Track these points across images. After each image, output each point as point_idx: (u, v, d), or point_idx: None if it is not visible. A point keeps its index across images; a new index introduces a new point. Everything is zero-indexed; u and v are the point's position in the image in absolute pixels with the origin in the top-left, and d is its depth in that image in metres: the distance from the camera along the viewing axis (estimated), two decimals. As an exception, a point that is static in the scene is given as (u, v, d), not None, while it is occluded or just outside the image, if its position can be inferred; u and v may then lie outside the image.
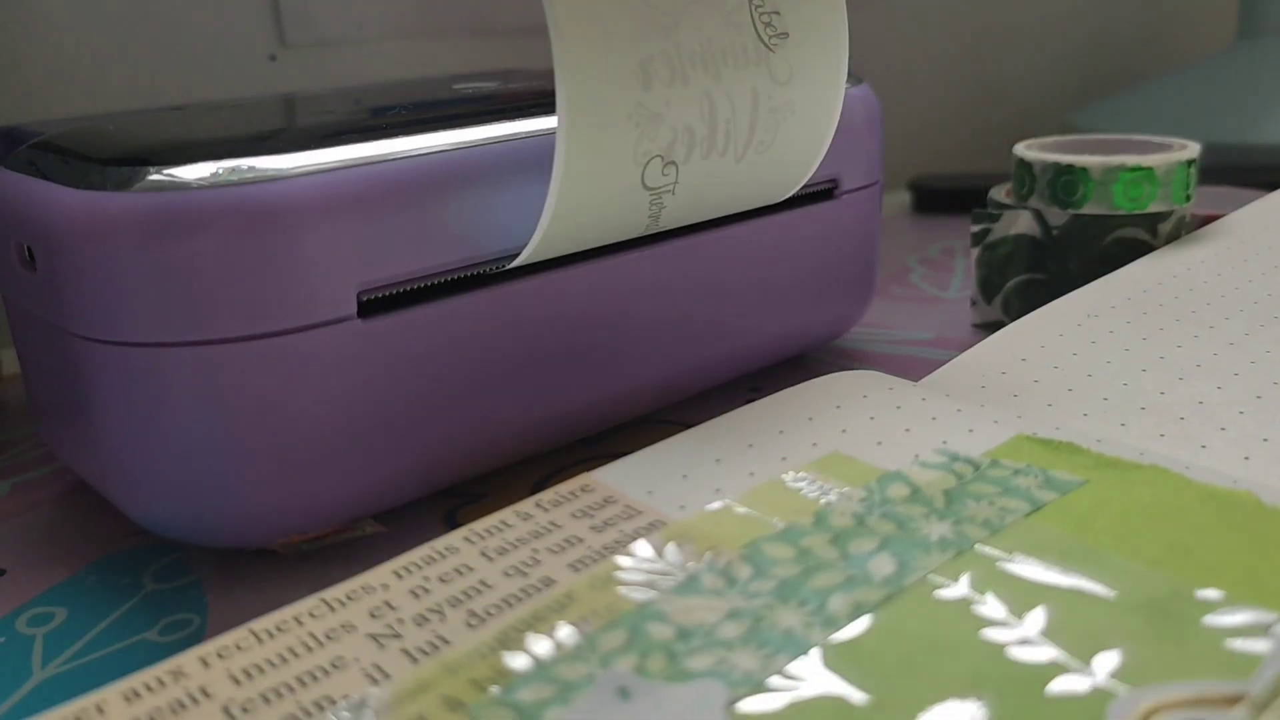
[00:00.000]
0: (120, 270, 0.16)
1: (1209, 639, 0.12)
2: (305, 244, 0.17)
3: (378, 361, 0.18)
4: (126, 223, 0.16)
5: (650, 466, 0.17)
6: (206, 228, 0.16)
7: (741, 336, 0.24)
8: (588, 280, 0.20)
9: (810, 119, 0.21)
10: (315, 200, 0.17)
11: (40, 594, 0.18)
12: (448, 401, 0.19)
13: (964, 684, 0.12)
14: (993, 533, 0.14)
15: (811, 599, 0.13)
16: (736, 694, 0.12)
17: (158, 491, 0.18)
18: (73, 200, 0.17)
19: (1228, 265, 0.26)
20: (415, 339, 0.18)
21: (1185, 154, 0.27)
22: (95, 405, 0.18)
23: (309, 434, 0.17)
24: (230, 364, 0.17)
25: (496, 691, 0.12)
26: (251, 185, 0.16)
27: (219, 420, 0.17)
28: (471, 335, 0.19)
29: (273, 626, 0.13)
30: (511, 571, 0.14)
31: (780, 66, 0.20)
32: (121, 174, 0.16)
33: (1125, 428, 0.18)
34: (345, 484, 0.18)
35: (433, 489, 0.20)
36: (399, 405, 0.18)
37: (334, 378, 0.17)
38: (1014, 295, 0.28)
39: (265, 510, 0.18)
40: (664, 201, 0.19)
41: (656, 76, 0.17)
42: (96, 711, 0.12)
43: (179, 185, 0.16)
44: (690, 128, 0.18)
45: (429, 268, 0.18)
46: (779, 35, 0.19)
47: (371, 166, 0.17)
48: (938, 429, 0.17)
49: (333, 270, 0.17)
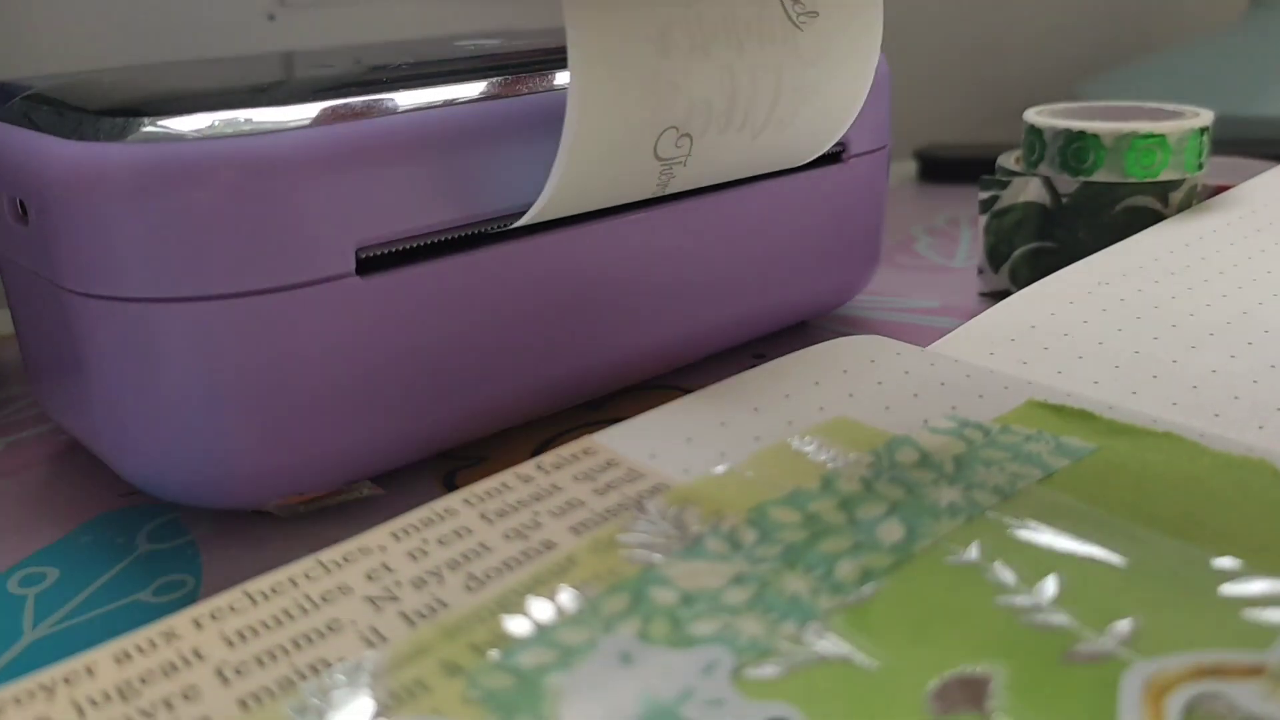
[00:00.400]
0: (113, 223, 0.16)
1: (1226, 608, 0.12)
2: (303, 199, 0.16)
3: (376, 320, 0.17)
4: (120, 174, 0.16)
5: (654, 430, 0.16)
6: (202, 180, 0.16)
7: (745, 301, 0.23)
8: (589, 241, 0.20)
9: (834, 100, 0.20)
10: (314, 154, 0.16)
11: (32, 554, 0.18)
12: (446, 362, 0.19)
13: (974, 651, 0.11)
14: (1004, 499, 0.14)
15: (819, 564, 0.13)
16: (742, 660, 0.11)
17: (151, 451, 0.17)
18: (65, 151, 0.16)
19: (1240, 235, 0.25)
20: (414, 298, 0.18)
21: (1198, 121, 0.27)
22: (88, 362, 0.17)
23: (305, 393, 0.17)
24: (225, 321, 0.16)
25: (496, 656, 0.12)
26: (249, 138, 0.16)
27: (214, 378, 0.16)
28: (471, 295, 0.19)
29: (267, 588, 0.13)
30: (511, 534, 0.14)
31: (807, 46, 0.19)
32: (115, 125, 0.16)
33: (1137, 396, 0.18)
34: (342, 445, 0.18)
35: (431, 451, 0.20)
36: (397, 365, 0.18)
37: (331, 336, 0.17)
38: (1022, 264, 0.28)
39: (260, 471, 0.17)
40: (674, 172, 0.19)
41: (676, 45, 0.17)
42: (86, 673, 0.12)
43: (174, 136, 0.16)
44: (709, 101, 0.18)
45: (429, 225, 0.18)
46: (808, 14, 0.19)
47: (372, 120, 0.17)
48: (947, 394, 0.17)
49: (331, 226, 0.17)
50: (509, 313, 0.19)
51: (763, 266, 0.23)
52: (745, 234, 0.23)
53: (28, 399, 0.25)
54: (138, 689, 0.12)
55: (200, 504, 0.18)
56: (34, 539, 0.19)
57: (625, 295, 0.21)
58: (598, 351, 0.21)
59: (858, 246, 0.26)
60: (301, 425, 0.17)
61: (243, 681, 0.12)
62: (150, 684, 0.12)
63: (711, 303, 0.23)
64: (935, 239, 0.36)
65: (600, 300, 0.21)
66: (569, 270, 0.20)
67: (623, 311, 0.21)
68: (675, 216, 0.21)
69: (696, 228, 0.22)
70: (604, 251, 0.20)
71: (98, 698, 0.11)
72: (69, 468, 0.21)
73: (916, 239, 0.36)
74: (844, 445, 0.16)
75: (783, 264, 0.24)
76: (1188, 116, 0.27)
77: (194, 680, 0.12)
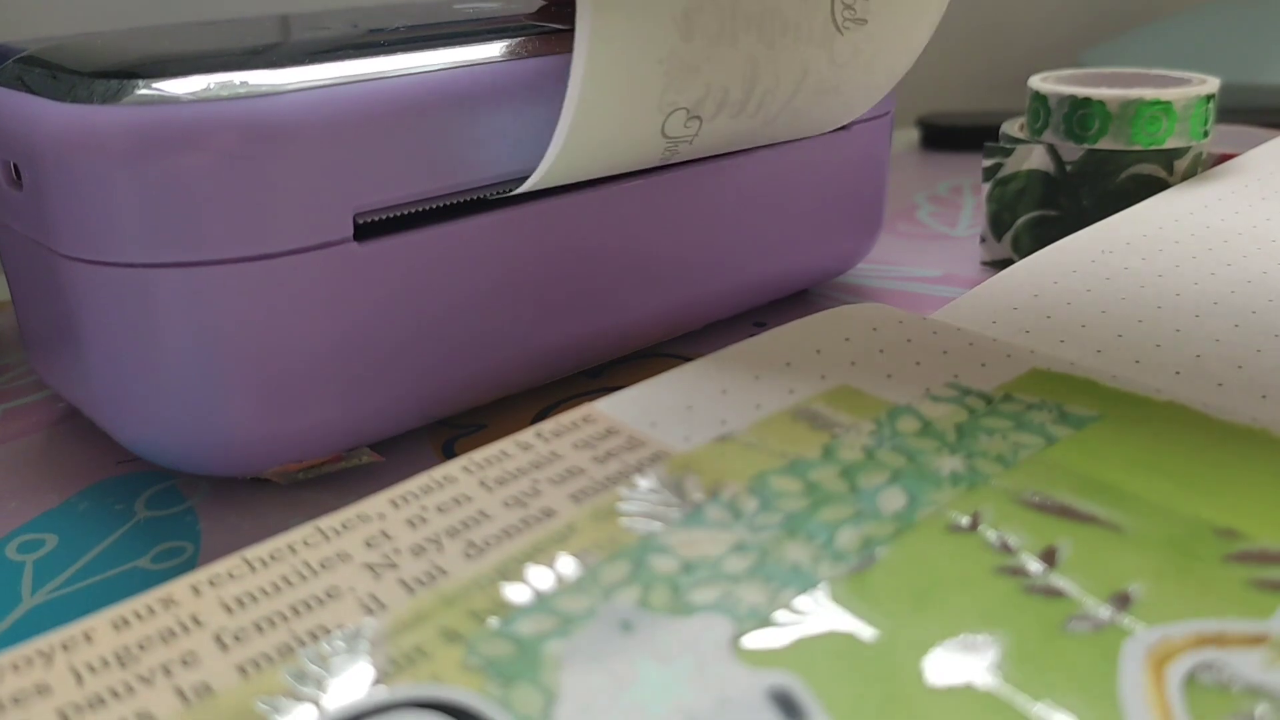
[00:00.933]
0: (108, 187, 0.16)
1: (1228, 578, 0.12)
2: (301, 163, 0.16)
3: (374, 286, 0.17)
4: (115, 137, 0.15)
5: (654, 398, 0.16)
6: (198, 143, 0.15)
7: (746, 269, 0.23)
8: (589, 207, 0.20)
9: (853, 97, 0.20)
10: (312, 117, 0.16)
11: (30, 520, 0.18)
12: (444, 329, 0.18)
13: (976, 620, 0.11)
14: (1006, 467, 0.14)
15: (819, 533, 0.13)
16: (742, 628, 0.11)
17: (148, 418, 0.17)
18: (59, 114, 0.16)
19: (1244, 203, 0.25)
20: (413, 264, 0.18)
21: (1205, 89, 0.27)
22: (84, 329, 0.17)
23: (303, 360, 0.17)
24: (222, 287, 0.16)
25: (495, 623, 0.12)
26: (246, 100, 0.16)
27: (211, 345, 0.16)
28: (470, 261, 0.18)
29: (266, 555, 0.13)
30: (511, 502, 0.14)
31: (842, 49, 0.19)
32: (111, 87, 0.16)
33: (1140, 365, 0.18)
34: (340, 412, 0.18)
35: (430, 418, 0.20)
36: (395, 331, 0.18)
37: (329, 302, 0.17)
38: (1025, 232, 0.28)
39: (258, 438, 0.17)
40: (679, 150, 0.19)
41: (701, 29, 0.16)
42: (84, 639, 0.12)
43: (170, 99, 0.16)
44: (725, 88, 0.18)
45: (428, 191, 0.18)
46: (856, 20, 0.18)
47: (371, 83, 0.17)
48: (949, 363, 0.17)
49: (329, 191, 0.16)
50: (508, 279, 0.19)
51: (764, 234, 0.23)
52: (746, 201, 0.23)
53: (24, 366, 0.25)
54: (136, 655, 0.12)
55: (198, 471, 0.18)
56: (32, 505, 0.19)
57: (625, 262, 0.21)
58: (597, 319, 0.21)
59: (859, 214, 0.25)
60: (299, 392, 0.17)
61: (241, 648, 0.12)
62: (149, 650, 0.12)
63: (712, 270, 0.22)
64: (937, 207, 0.35)
65: (599, 267, 0.20)
66: (568, 237, 0.20)
67: (622, 279, 0.21)
68: (675, 184, 0.21)
69: (697, 195, 0.22)
70: (603, 218, 0.20)
71: (96, 664, 0.11)
72: (67, 434, 0.21)
73: (919, 207, 0.35)
74: (846, 413, 0.16)
75: (784, 231, 0.24)
76: (1194, 83, 0.27)
77: (192, 646, 0.12)
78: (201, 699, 0.11)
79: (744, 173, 0.22)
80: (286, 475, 0.18)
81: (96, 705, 0.11)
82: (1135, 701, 0.10)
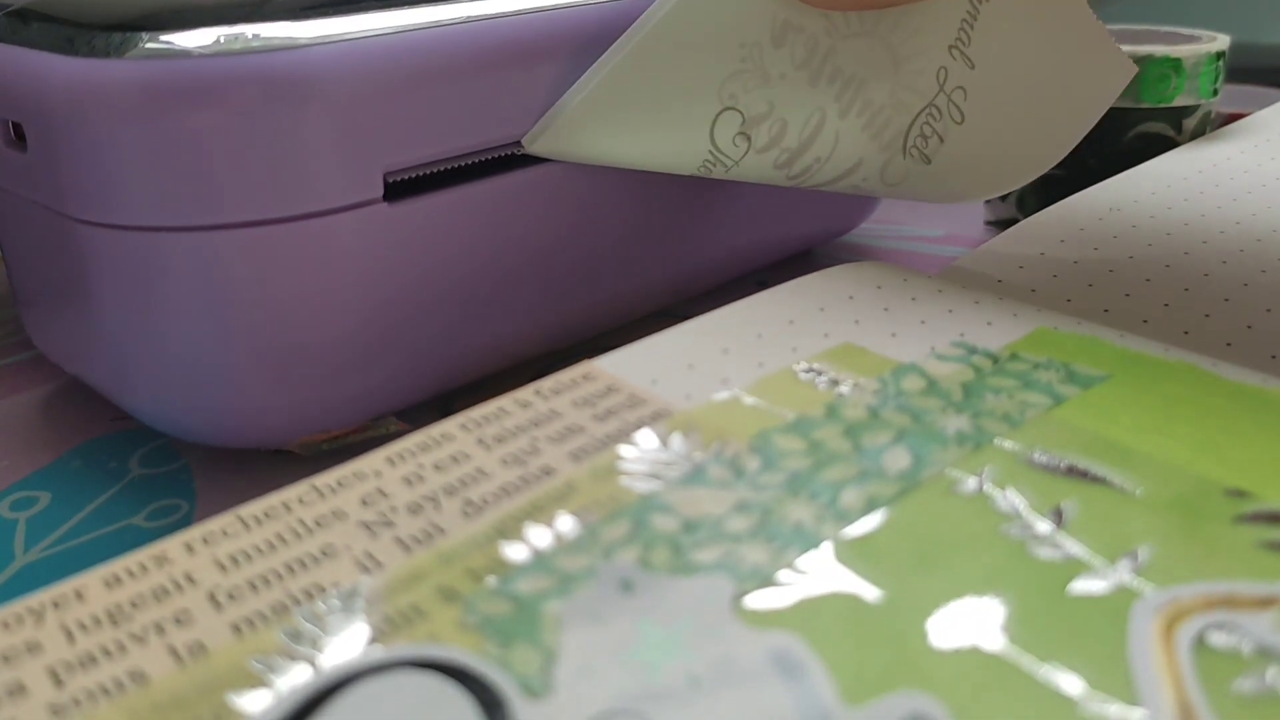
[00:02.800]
0: (120, 145, 0.15)
1: (1239, 539, 0.12)
2: (327, 121, 0.15)
3: (405, 249, 0.17)
4: (130, 93, 0.15)
5: (655, 355, 0.16)
6: (219, 99, 0.15)
7: (750, 229, 0.23)
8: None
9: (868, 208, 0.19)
10: (340, 72, 0.15)
11: (23, 478, 0.18)
12: (474, 291, 0.18)
13: (981, 581, 0.11)
14: (1013, 427, 0.14)
15: (823, 492, 0.13)
16: (744, 588, 0.11)
17: (160, 390, 0.16)
18: (68, 69, 0.15)
19: (1254, 162, 0.25)
20: (445, 224, 0.17)
21: (1214, 46, 0.26)
22: (92, 296, 0.16)
23: (326, 327, 0.16)
24: (240, 252, 0.15)
25: (494, 582, 0.12)
26: (268, 55, 0.15)
27: (227, 313, 0.16)
28: (500, 221, 0.18)
29: (260, 512, 0.13)
30: (509, 460, 0.14)
31: (896, 171, 0.18)
32: (125, 39, 0.15)
33: (1148, 324, 0.18)
34: (363, 380, 0.17)
35: (454, 384, 0.19)
36: (424, 295, 0.17)
37: (357, 266, 0.16)
38: (1030, 191, 0.27)
39: (278, 410, 0.17)
40: (715, 169, 0.18)
41: (790, 47, 0.16)
42: (76, 597, 0.12)
43: (186, 53, 0.15)
44: (785, 124, 0.17)
45: (462, 147, 0.17)
46: (923, 156, 0.18)
47: (402, 35, 0.16)
48: (954, 321, 0.17)
49: (357, 150, 0.16)
50: (535, 240, 0.19)
51: (767, 193, 0.23)
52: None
53: (16, 323, 0.25)
54: (128, 613, 0.11)
55: (215, 444, 0.17)
56: (25, 463, 0.18)
57: (640, 223, 0.20)
58: (613, 282, 0.20)
59: (864, 172, 0.25)
60: (320, 361, 0.16)
61: (235, 606, 0.11)
62: (141, 608, 0.11)
63: (718, 231, 0.22)
64: (941, 166, 0.35)
65: (617, 228, 0.20)
66: (590, 196, 0.19)
67: (637, 240, 0.20)
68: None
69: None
70: (621, 177, 0.20)
71: (87, 622, 0.11)
72: (60, 392, 0.21)
73: (922, 166, 0.35)
74: (850, 372, 0.15)
75: (787, 191, 0.23)
76: (1204, 41, 0.27)
77: (186, 605, 0.11)
78: (195, 658, 0.11)
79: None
80: (309, 446, 0.17)
81: (88, 663, 0.11)
82: (1144, 664, 0.10)
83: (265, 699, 0.10)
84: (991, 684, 0.10)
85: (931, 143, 0.18)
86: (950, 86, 0.17)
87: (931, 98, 0.17)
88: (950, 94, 0.17)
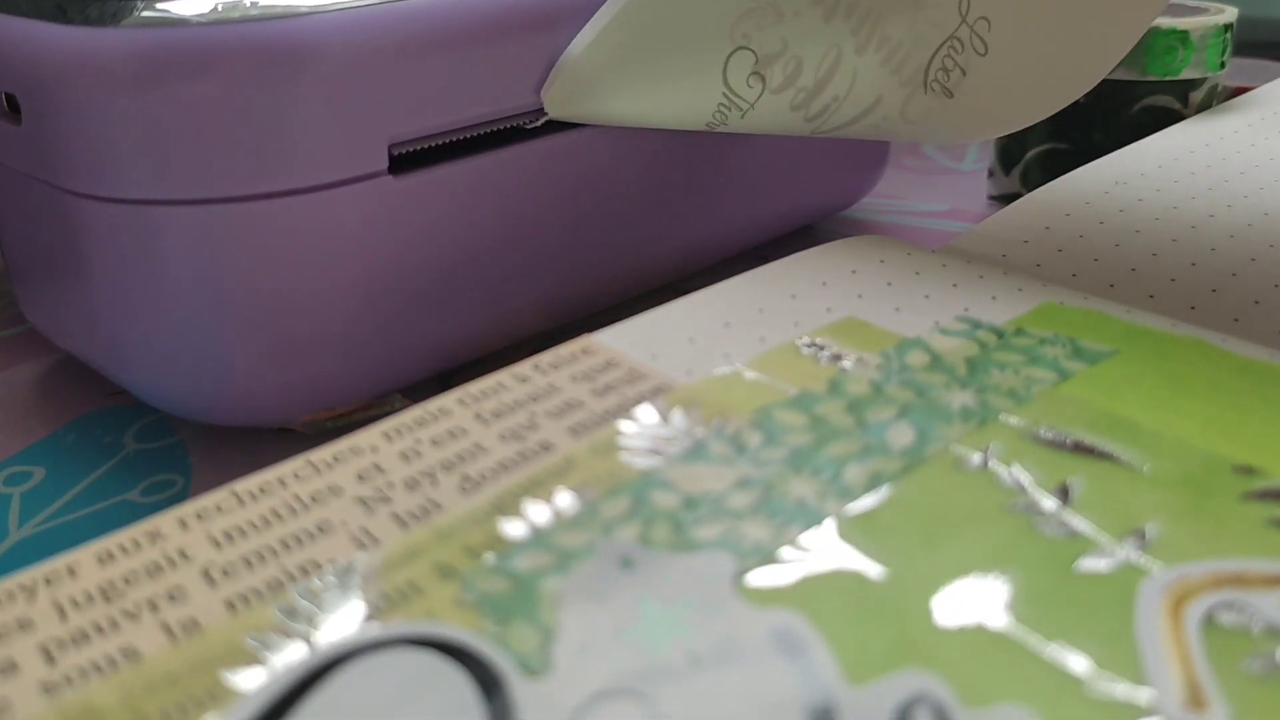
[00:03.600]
0: (115, 116, 0.14)
1: (1248, 516, 0.12)
2: (329, 91, 0.15)
3: (410, 223, 0.16)
4: (126, 61, 0.14)
5: (655, 329, 0.16)
6: (219, 68, 0.14)
7: (752, 203, 0.23)
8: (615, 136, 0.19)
9: (895, 133, 0.19)
10: (343, 41, 0.15)
11: (18, 452, 0.18)
12: (480, 265, 0.18)
13: (986, 559, 0.11)
14: (1018, 403, 0.14)
15: (826, 468, 0.13)
16: (745, 565, 0.11)
17: (158, 368, 0.16)
18: (64, 37, 0.15)
19: (1261, 136, 0.24)
20: (451, 197, 0.17)
21: (1222, 18, 0.26)
22: (87, 272, 0.16)
23: (329, 303, 0.16)
24: (239, 226, 0.15)
25: (491, 559, 0.11)
26: (269, 22, 0.15)
27: (226, 289, 0.15)
28: (506, 193, 0.18)
29: (255, 488, 0.13)
30: (507, 435, 0.13)
31: (918, 107, 0.18)
32: (121, 7, 0.15)
33: (1154, 299, 0.17)
34: (368, 358, 0.17)
35: (460, 360, 0.19)
36: (430, 269, 0.17)
37: (361, 241, 0.16)
38: (1034, 166, 0.27)
39: (279, 389, 0.16)
40: (730, 117, 0.18)
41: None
42: (68, 574, 0.11)
43: (182, 21, 0.14)
44: (800, 62, 0.16)
45: (469, 118, 0.17)
46: (945, 89, 0.17)
47: (404, 2, 0.16)
48: (959, 295, 0.16)
49: (361, 121, 0.15)
50: (541, 213, 0.18)
51: (769, 168, 0.23)
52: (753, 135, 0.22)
53: (9, 297, 0.24)
54: (121, 590, 0.11)
55: (215, 422, 0.17)
56: (19, 438, 0.18)
57: (644, 197, 0.20)
58: (615, 257, 0.20)
59: (865, 147, 0.25)
60: (322, 339, 0.16)
61: (230, 583, 0.11)
62: (134, 585, 0.11)
63: (720, 205, 0.22)
64: (944, 141, 0.35)
65: (622, 202, 0.20)
66: (595, 168, 0.19)
67: (641, 215, 0.20)
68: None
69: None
70: (626, 149, 0.19)
71: (80, 599, 0.11)
72: (55, 366, 0.21)
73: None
74: (853, 347, 0.15)
75: (789, 165, 0.23)
76: (1211, 12, 0.26)
77: (180, 581, 0.11)
78: (189, 635, 0.11)
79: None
80: (314, 425, 0.17)
81: (80, 640, 0.11)
82: (1152, 642, 0.10)
83: (260, 676, 0.10)
84: (996, 663, 0.10)
85: (953, 76, 0.18)
86: (973, 17, 0.17)
87: (953, 29, 0.17)
88: (973, 25, 0.17)
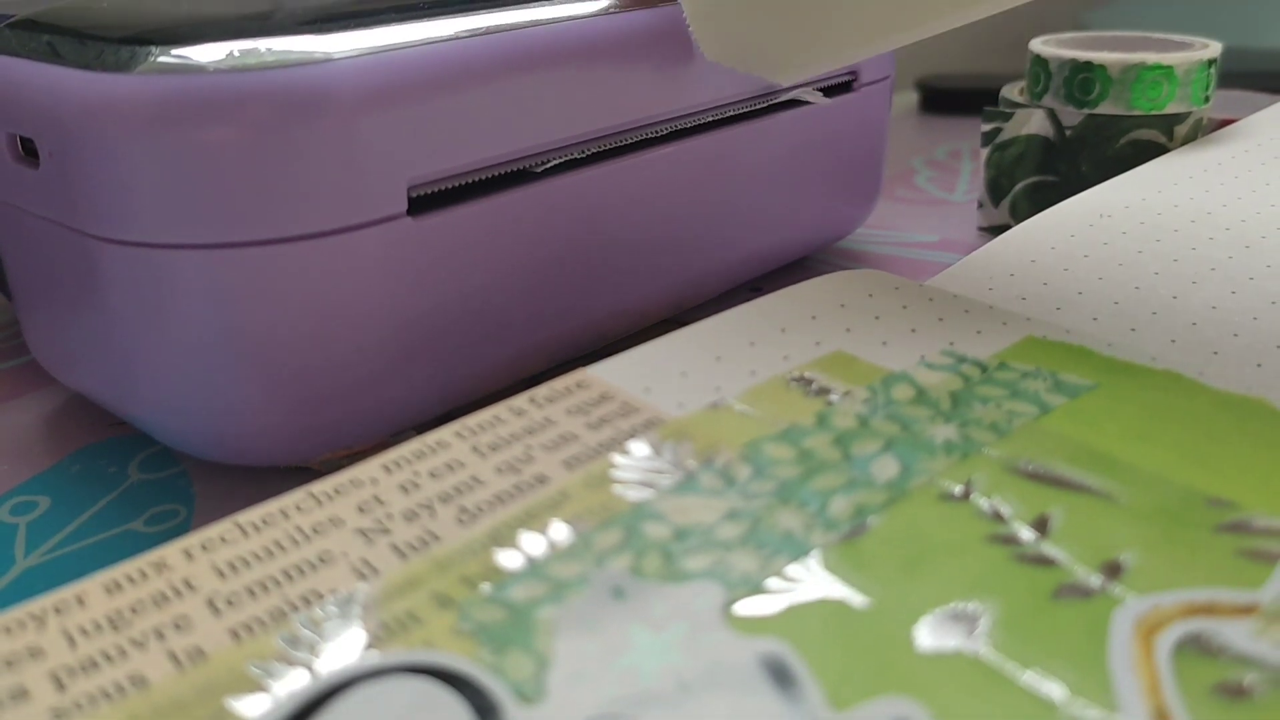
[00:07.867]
0: (133, 161, 0.15)
1: (1221, 547, 0.12)
2: (347, 136, 0.15)
3: (430, 264, 0.17)
4: (144, 107, 0.14)
5: (648, 363, 0.16)
6: (236, 115, 0.14)
7: (746, 237, 0.23)
8: (622, 176, 0.19)
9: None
10: (361, 87, 0.15)
11: (23, 482, 0.18)
12: (496, 306, 0.18)
13: (967, 588, 0.11)
14: (1000, 436, 0.14)
15: (812, 500, 0.13)
16: (734, 595, 0.11)
17: (175, 410, 0.16)
18: (80, 83, 0.15)
19: (1244, 169, 0.25)
20: (467, 238, 0.17)
21: (1206, 53, 0.26)
22: (103, 315, 0.16)
23: (350, 346, 0.16)
24: (259, 270, 0.15)
25: (488, 589, 0.12)
26: (283, 69, 0.15)
27: (241, 334, 0.15)
28: (520, 234, 0.18)
29: (259, 519, 0.13)
30: (504, 468, 0.14)
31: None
32: (137, 53, 0.15)
33: (1136, 332, 0.18)
34: (384, 398, 0.17)
35: (475, 397, 0.19)
36: (448, 310, 0.17)
37: (380, 283, 0.16)
38: (1023, 198, 0.28)
39: (296, 430, 0.16)
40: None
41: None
42: (77, 603, 0.12)
43: (201, 68, 0.15)
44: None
45: (486, 159, 0.17)
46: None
47: (418, 49, 0.16)
48: (944, 330, 0.17)
49: (378, 164, 0.16)
50: (552, 254, 0.19)
51: (763, 201, 0.23)
52: (748, 168, 0.22)
53: (14, 328, 0.25)
54: (128, 619, 0.12)
55: (234, 463, 0.17)
56: (25, 468, 0.19)
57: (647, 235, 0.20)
58: (623, 293, 0.20)
59: (858, 179, 0.25)
60: (340, 381, 0.16)
61: (234, 612, 0.12)
62: (141, 614, 0.12)
63: (715, 239, 0.22)
64: (935, 172, 0.35)
65: (626, 238, 0.20)
66: (604, 208, 0.19)
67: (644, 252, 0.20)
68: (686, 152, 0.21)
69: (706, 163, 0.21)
70: (631, 188, 0.20)
71: (88, 627, 0.11)
72: (59, 396, 0.21)
73: (916, 171, 0.35)
74: (840, 380, 0.16)
75: (782, 198, 0.24)
76: (1196, 48, 0.27)
77: (185, 610, 0.12)
78: (194, 662, 0.11)
79: (745, 139, 0.22)
80: (331, 464, 0.17)
81: (89, 668, 0.11)
82: (1124, 670, 0.10)
83: (263, 703, 0.10)
84: (975, 689, 0.10)
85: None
86: None
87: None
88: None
